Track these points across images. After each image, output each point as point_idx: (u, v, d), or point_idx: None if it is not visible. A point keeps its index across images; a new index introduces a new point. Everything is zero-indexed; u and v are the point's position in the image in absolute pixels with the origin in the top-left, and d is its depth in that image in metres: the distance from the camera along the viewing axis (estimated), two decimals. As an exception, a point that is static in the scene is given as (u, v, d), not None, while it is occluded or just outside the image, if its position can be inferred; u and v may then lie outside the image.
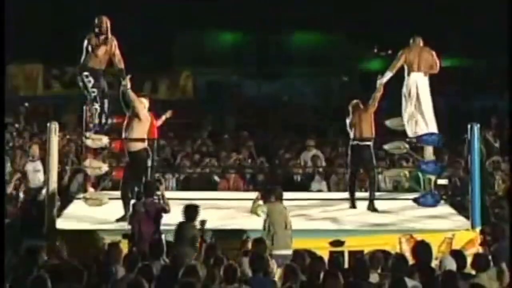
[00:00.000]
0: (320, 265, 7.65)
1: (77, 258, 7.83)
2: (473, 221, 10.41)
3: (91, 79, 10.94)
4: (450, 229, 10.36)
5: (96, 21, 10.98)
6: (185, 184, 14.02)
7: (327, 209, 11.46)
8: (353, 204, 11.60)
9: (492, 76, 21.03)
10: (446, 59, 21.08)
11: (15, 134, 16.16)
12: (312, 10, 23.13)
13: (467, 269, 8.09)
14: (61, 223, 10.30)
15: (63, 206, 11.31)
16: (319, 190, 13.93)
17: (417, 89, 11.45)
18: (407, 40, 11.72)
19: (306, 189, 13.79)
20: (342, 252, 9.84)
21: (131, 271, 7.44)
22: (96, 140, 11.12)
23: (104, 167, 11.28)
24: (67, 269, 7.11)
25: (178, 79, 22.46)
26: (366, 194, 11.76)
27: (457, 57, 23.41)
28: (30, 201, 12.45)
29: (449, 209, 11.50)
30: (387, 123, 12.07)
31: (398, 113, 11.80)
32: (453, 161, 13.34)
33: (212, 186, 13.94)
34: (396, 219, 10.93)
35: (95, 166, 11.11)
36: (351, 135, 11.59)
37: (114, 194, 11.12)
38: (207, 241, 9.03)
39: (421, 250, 8.04)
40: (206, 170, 14.61)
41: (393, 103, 11.85)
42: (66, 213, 11.03)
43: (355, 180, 11.76)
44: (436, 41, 11.90)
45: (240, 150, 15.76)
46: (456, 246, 9.83)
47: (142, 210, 9.57)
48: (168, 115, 12.40)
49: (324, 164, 14.76)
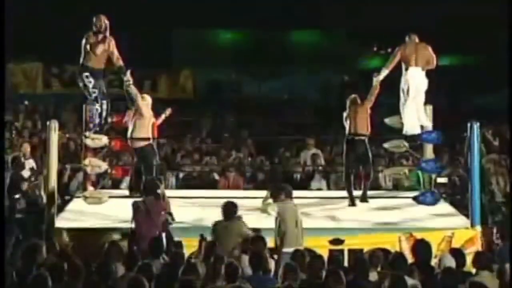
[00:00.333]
0: (320, 264, 7.65)
1: (77, 256, 7.83)
2: (473, 220, 10.42)
3: (92, 80, 10.96)
4: (450, 228, 10.35)
5: (95, 20, 10.98)
6: (185, 183, 14.03)
7: (327, 208, 11.45)
8: (352, 202, 11.58)
9: (492, 74, 20.98)
10: (446, 57, 21.11)
11: (15, 133, 16.14)
12: (312, 9, 23.10)
13: (467, 268, 8.11)
14: (61, 222, 10.31)
15: (63, 205, 11.33)
16: (319, 189, 13.94)
17: (415, 84, 11.44)
18: (407, 38, 11.72)
19: (306, 188, 13.79)
20: (342, 251, 9.86)
21: (131, 270, 7.45)
22: (96, 140, 11.15)
23: (104, 166, 11.31)
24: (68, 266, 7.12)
25: (178, 78, 22.43)
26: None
27: (457, 55, 23.39)
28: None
29: (449, 208, 11.48)
30: (387, 121, 12.06)
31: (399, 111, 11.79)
32: (453, 160, 13.34)
33: (212, 185, 13.95)
34: (396, 218, 10.92)
35: (95, 165, 11.13)
36: (347, 129, 11.60)
37: (114, 193, 11.11)
38: (207, 239, 9.03)
39: (421, 249, 8.06)
40: (206, 169, 14.60)
41: (395, 101, 11.84)
42: (66, 212, 11.03)
43: (351, 176, 11.68)
44: (436, 39, 11.88)
45: (240, 149, 15.77)
46: (456, 245, 9.84)
47: (142, 209, 9.57)
48: (168, 113, 12.42)
49: (324, 163, 14.77)
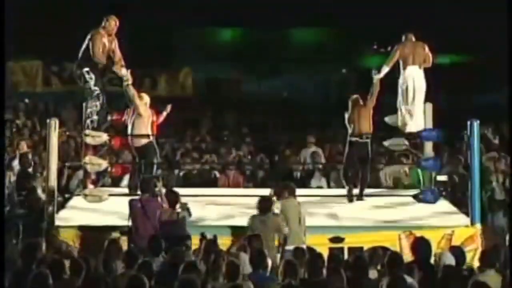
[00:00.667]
0: (320, 262, 7.66)
1: (77, 254, 7.84)
2: (473, 218, 10.43)
3: (93, 76, 10.96)
4: (450, 226, 10.36)
5: (106, 20, 11.03)
6: (185, 181, 14.01)
7: (327, 206, 11.44)
8: (350, 198, 11.59)
9: (492, 72, 20.97)
10: (446, 55, 21.13)
11: (15, 131, 16.14)
12: (312, 6, 23.09)
13: (467, 265, 8.12)
14: (60, 220, 10.31)
15: (63, 203, 11.33)
16: (319, 187, 13.93)
17: (414, 82, 11.47)
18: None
19: (306, 186, 13.79)
20: (342, 249, 9.86)
21: (131, 267, 7.45)
22: (96, 137, 11.16)
23: (104, 164, 11.31)
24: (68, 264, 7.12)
25: (178, 76, 22.41)
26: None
27: (457, 53, 23.39)
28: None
29: (449, 206, 11.48)
30: (386, 120, 12.06)
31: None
32: (453, 158, 13.33)
33: (212, 183, 13.94)
34: (396, 216, 10.93)
35: (95, 163, 11.14)
36: (350, 131, 11.60)
37: (114, 191, 11.11)
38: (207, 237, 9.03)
39: (421, 247, 8.04)
40: (206, 167, 14.60)
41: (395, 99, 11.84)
42: (66, 210, 11.03)
43: (349, 174, 11.72)
44: (436, 37, 11.89)
45: (240, 147, 15.76)
46: (456, 243, 9.84)
47: (139, 206, 9.56)
48: (169, 110, 12.41)
49: (324, 161, 14.76)
